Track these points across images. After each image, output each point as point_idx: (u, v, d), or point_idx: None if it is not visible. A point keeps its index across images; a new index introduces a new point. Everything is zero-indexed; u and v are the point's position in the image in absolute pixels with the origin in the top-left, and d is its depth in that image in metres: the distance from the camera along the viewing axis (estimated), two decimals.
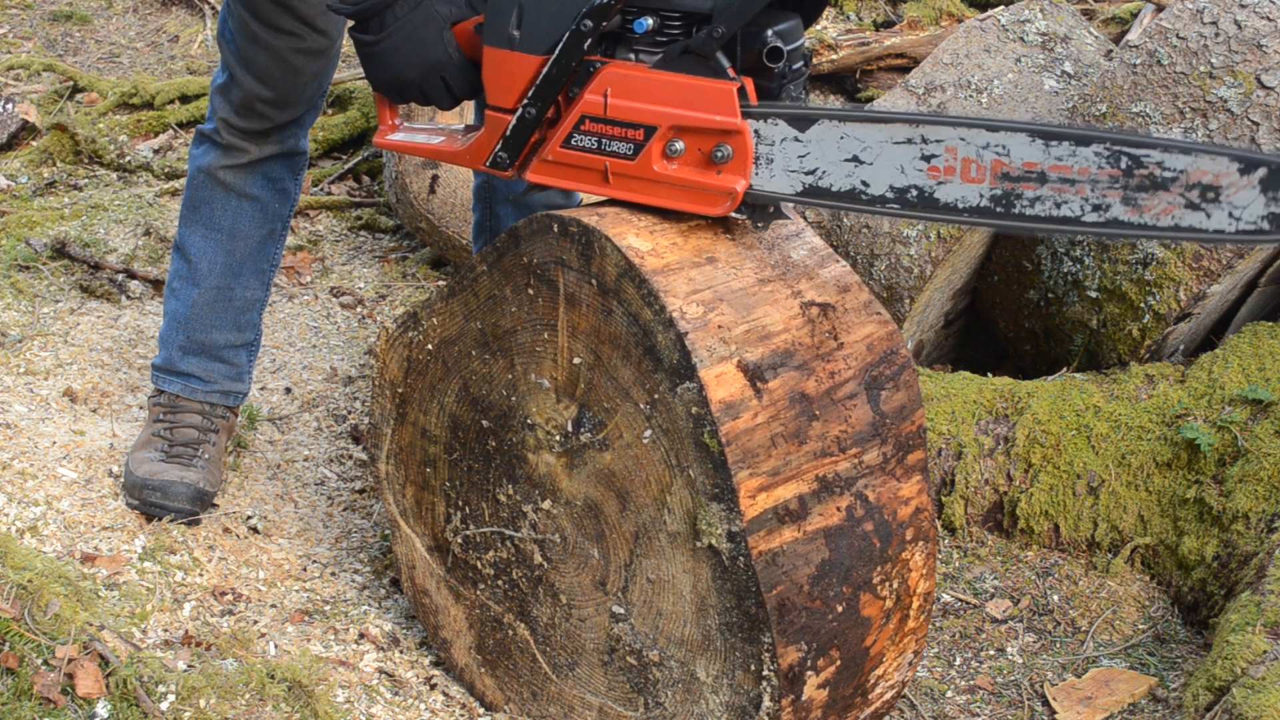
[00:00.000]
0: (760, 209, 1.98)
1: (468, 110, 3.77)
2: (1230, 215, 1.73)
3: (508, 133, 2.06)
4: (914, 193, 1.87)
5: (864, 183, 1.89)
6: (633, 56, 1.97)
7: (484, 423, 2.14)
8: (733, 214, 1.97)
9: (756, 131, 1.92)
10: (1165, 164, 1.75)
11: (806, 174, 1.92)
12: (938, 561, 2.82)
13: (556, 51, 1.97)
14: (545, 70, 1.99)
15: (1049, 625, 2.73)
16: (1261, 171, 1.71)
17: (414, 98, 2.16)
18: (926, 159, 1.85)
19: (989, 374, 3.19)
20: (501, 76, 2.04)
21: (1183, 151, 1.74)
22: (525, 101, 2.02)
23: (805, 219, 3.20)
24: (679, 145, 1.94)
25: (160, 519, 2.52)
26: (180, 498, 2.53)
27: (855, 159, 1.89)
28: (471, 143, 2.14)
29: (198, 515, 2.56)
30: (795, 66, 1.98)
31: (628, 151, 1.97)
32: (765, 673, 1.92)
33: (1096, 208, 1.79)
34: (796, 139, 1.91)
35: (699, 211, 1.98)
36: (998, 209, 1.83)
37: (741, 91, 1.92)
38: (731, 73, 1.92)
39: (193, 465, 2.59)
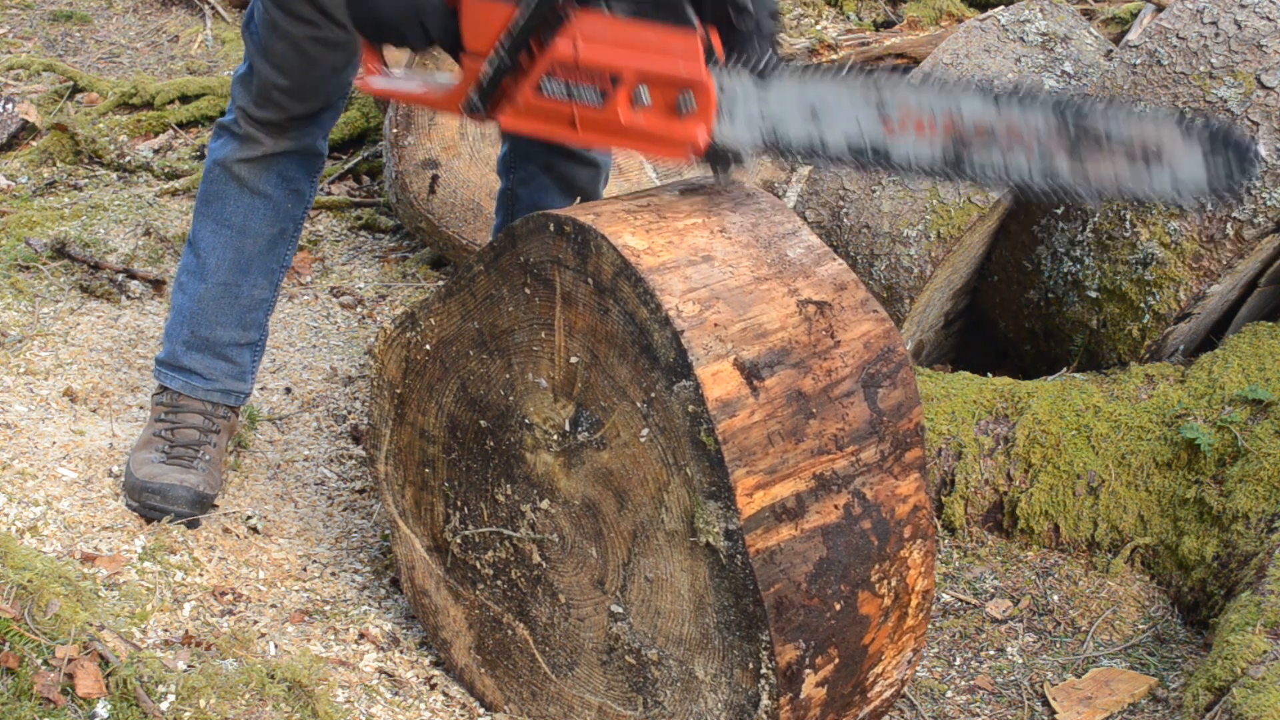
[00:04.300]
0: (722, 159, 2.04)
1: None
2: (1171, 177, 1.82)
3: (482, 78, 2.11)
4: (869, 148, 1.94)
5: (821, 137, 1.96)
6: (606, 7, 2.01)
7: (482, 423, 2.14)
8: (695, 161, 2.03)
9: (720, 84, 1.98)
10: (1110, 126, 1.83)
11: (767, 126, 1.98)
12: (937, 561, 2.82)
13: None
14: (519, 17, 2.03)
15: (1049, 625, 2.73)
16: (1201, 135, 1.80)
17: (391, 39, 2.19)
18: (882, 116, 1.91)
19: (989, 374, 3.19)
20: (478, 23, 2.09)
21: (1126, 115, 1.81)
22: (499, 47, 2.07)
23: (804, 219, 3.20)
24: (644, 94, 1.99)
25: (160, 521, 2.53)
26: (180, 501, 2.52)
27: (814, 113, 1.95)
28: (449, 89, 2.20)
29: (197, 518, 2.55)
30: (763, 21, 2.04)
31: (595, 99, 2.02)
32: (763, 671, 1.91)
33: (1044, 167, 1.86)
34: (758, 92, 1.97)
35: (663, 157, 2.05)
36: (948, 165, 1.91)
37: (707, 44, 1.97)
38: (698, 25, 1.97)
39: (193, 467, 2.58)
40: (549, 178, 2.69)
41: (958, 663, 2.64)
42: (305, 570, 2.57)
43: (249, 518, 2.65)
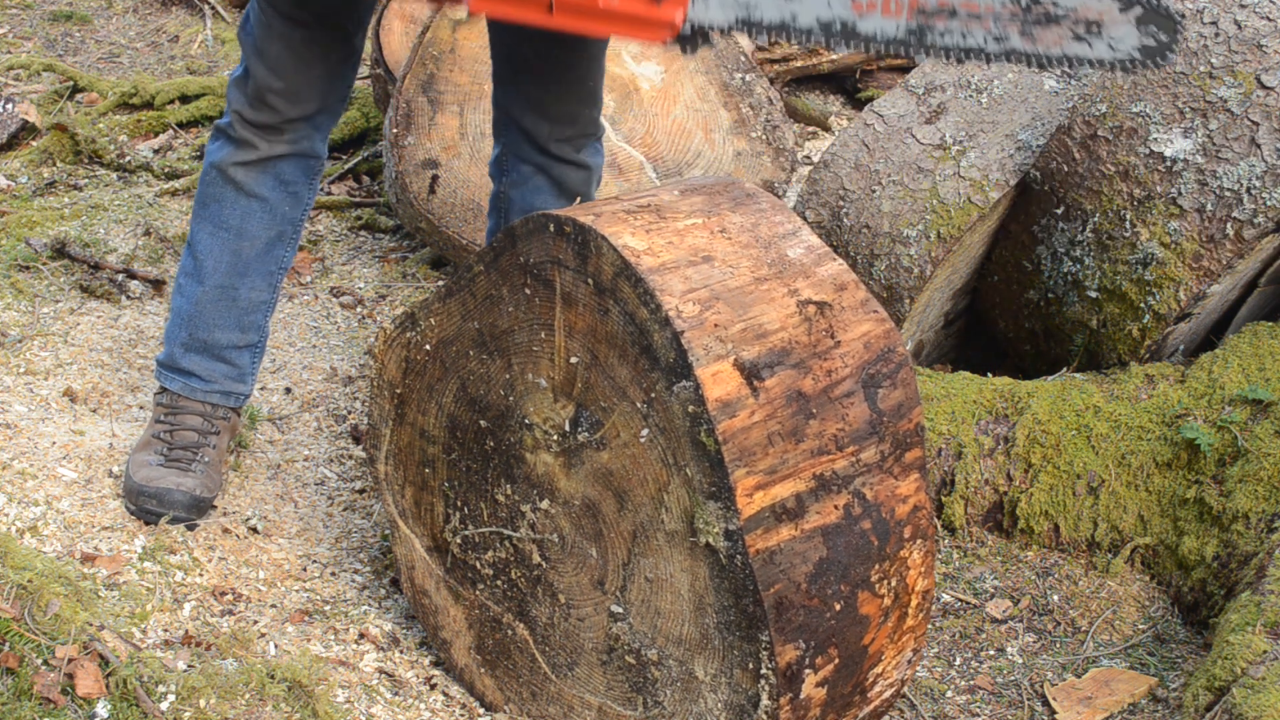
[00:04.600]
0: (692, 41, 2.09)
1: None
2: (1109, 46, 2.04)
3: None
4: (838, 24, 2.05)
5: (793, 15, 2.06)
6: None
7: (482, 423, 2.14)
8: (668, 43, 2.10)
9: None
10: (1057, 2, 2.04)
11: (741, 7, 2.06)
12: (937, 561, 2.82)
13: None
14: None
15: (1049, 625, 2.73)
16: (1136, 10, 2.03)
17: None
18: None
19: (989, 374, 3.19)
20: None
21: None
22: None
23: (804, 219, 3.20)
24: None
25: (157, 524, 2.53)
26: (176, 505, 2.52)
27: None
28: None
29: (195, 521, 2.55)
30: None
31: None
32: (763, 671, 1.92)
33: (998, 39, 2.04)
34: None
35: (638, 39, 2.10)
36: (912, 39, 2.05)
37: None
38: None
39: (190, 470, 2.57)
40: (541, 180, 2.69)
41: (958, 663, 2.64)
42: (305, 570, 2.57)
43: (249, 518, 2.65)
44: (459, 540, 2.25)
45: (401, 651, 2.40)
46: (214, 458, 2.63)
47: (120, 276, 3.46)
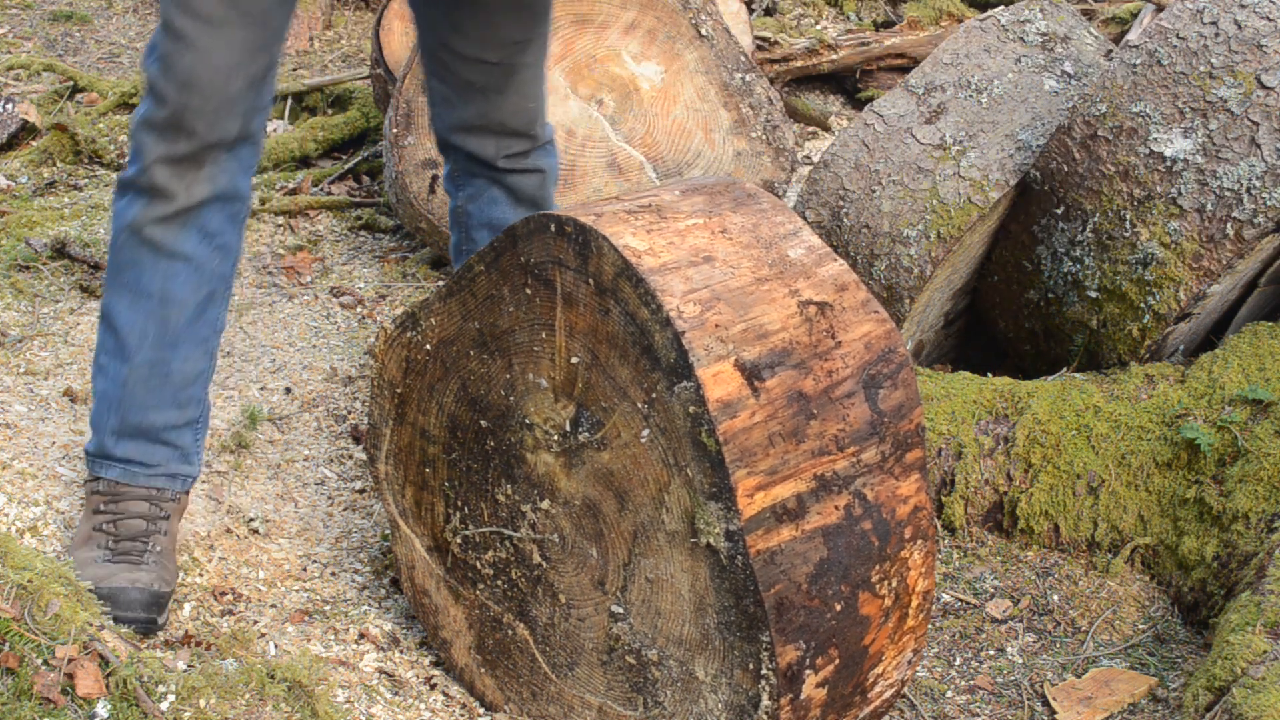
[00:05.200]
0: None
1: None
2: None
3: None
4: None
5: None
6: None
7: (482, 423, 2.14)
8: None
9: None
10: None
11: None
12: (938, 561, 2.82)
13: None
14: None
15: (1049, 625, 2.73)
16: None
17: None
18: None
19: (989, 374, 3.19)
20: None
21: None
22: None
23: (804, 219, 3.20)
24: None
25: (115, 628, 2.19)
26: (134, 606, 2.25)
27: None
28: None
29: (155, 621, 2.28)
30: None
31: None
32: (764, 671, 1.92)
33: None
34: None
35: None
36: None
37: None
38: None
39: (143, 563, 2.30)
40: (496, 191, 2.62)
41: (958, 663, 2.64)
42: (305, 570, 2.57)
43: (250, 519, 2.65)
44: (459, 540, 2.25)
45: (401, 651, 2.40)
46: (166, 545, 2.37)
47: None
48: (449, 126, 2.59)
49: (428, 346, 2.18)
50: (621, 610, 2.06)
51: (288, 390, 3.18)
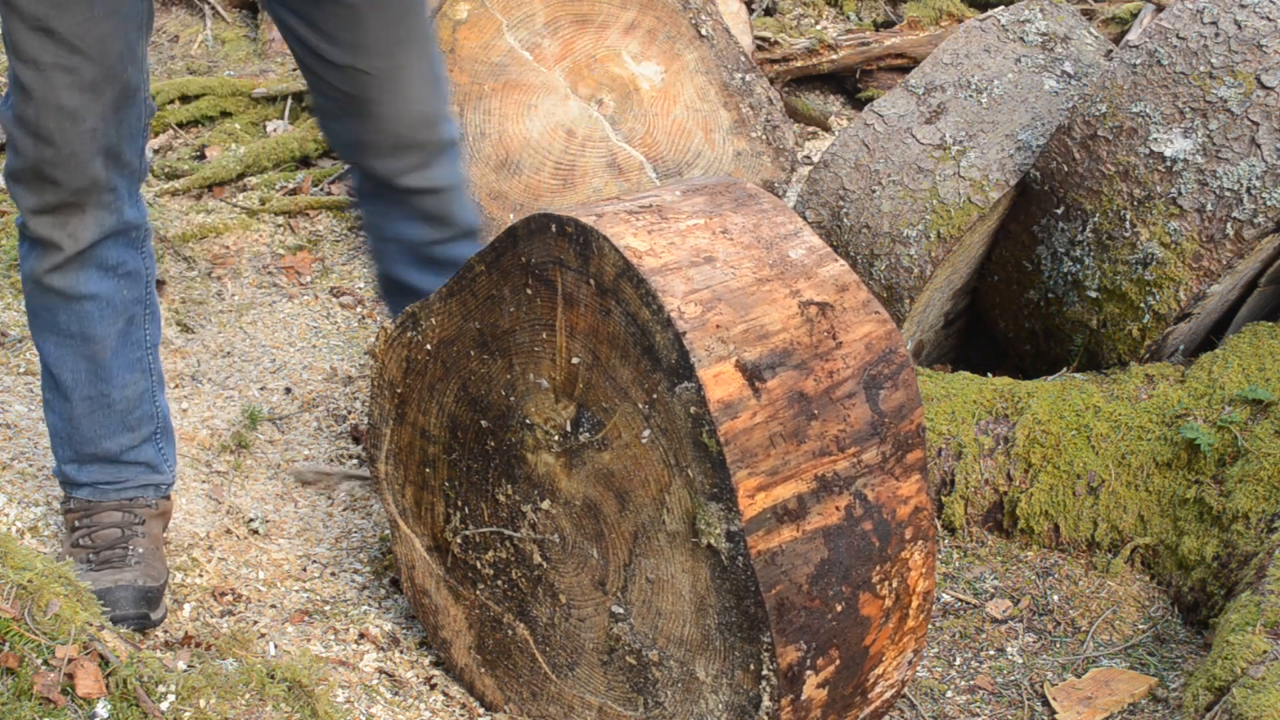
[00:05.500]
0: None
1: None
2: None
3: None
4: None
5: None
6: None
7: (483, 423, 2.14)
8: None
9: None
10: None
11: None
12: (938, 561, 2.82)
13: None
14: None
15: (1049, 625, 2.73)
16: None
17: None
18: None
19: (989, 374, 3.19)
20: None
21: None
22: None
23: (804, 219, 3.20)
24: None
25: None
26: (123, 604, 2.24)
27: None
28: None
29: (148, 616, 2.28)
30: None
31: None
32: (764, 672, 1.92)
33: None
34: None
35: None
36: None
37: None
38: None
39: (126, 565, 2.30)
40: (399, 211, 2.43)
41: (958, 663, 2.64)
42: (305, 570, 2.57)
43: (250, 519, 2.65)
44: (459, 540, 2.25)
45: (401, 651, 2.40)
46: (148, 546, 2.34)
47: None
48: (340, 144, 2.40)
49: (428, 346, 2.18)
50: (622, 611, 2.06)
51: (288, 390, 3.18)
